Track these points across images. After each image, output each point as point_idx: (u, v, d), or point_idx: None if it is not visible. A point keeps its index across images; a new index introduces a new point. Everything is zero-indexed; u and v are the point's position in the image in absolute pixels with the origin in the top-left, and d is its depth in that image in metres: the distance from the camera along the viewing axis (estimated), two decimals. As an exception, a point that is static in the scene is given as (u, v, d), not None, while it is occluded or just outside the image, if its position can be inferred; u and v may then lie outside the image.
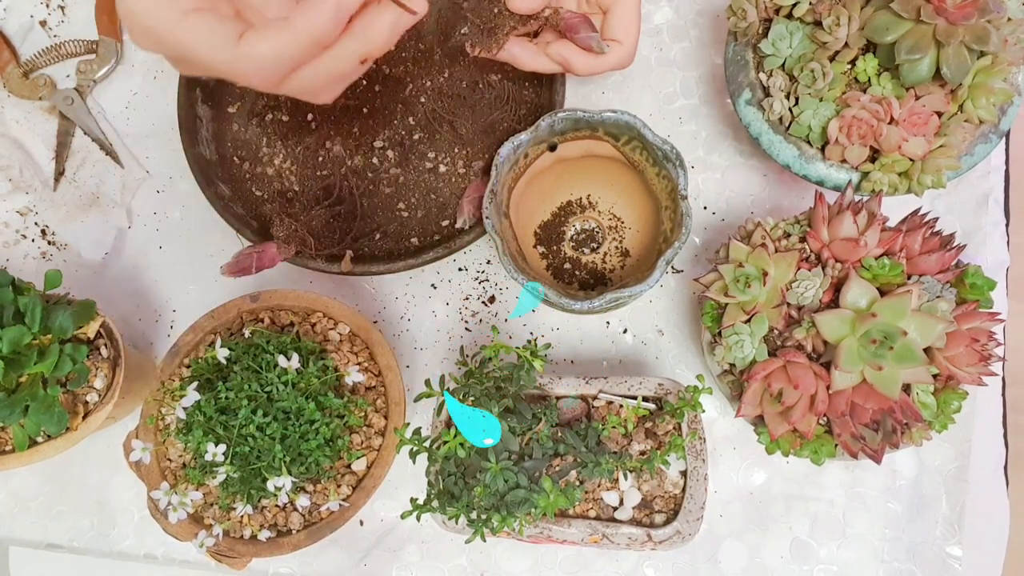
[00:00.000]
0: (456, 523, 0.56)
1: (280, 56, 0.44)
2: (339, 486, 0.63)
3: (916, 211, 0.59)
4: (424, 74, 0.72)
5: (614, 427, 0.59)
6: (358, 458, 0.63)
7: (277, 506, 0.63)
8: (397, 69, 0.72)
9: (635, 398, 0.61)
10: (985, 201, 0.71)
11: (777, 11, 0.62)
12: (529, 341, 0.70)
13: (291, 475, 0.58)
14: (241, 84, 0.46)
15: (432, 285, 0.74)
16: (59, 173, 0.77)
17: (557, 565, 0.69)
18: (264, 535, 0.61)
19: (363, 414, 0.64)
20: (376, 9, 0.46)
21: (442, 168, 0.71)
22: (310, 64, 0.46)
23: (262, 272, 0.68)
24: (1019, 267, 0.72)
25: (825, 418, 0.57)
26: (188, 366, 0.64)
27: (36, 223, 0.77)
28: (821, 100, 0.61)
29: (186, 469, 0.62)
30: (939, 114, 0.59)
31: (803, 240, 0.58)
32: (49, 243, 0.77)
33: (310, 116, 0.72)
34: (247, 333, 0.63)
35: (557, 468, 0.59)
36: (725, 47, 0.66)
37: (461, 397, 0.58)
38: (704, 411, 0.59)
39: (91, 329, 0.62)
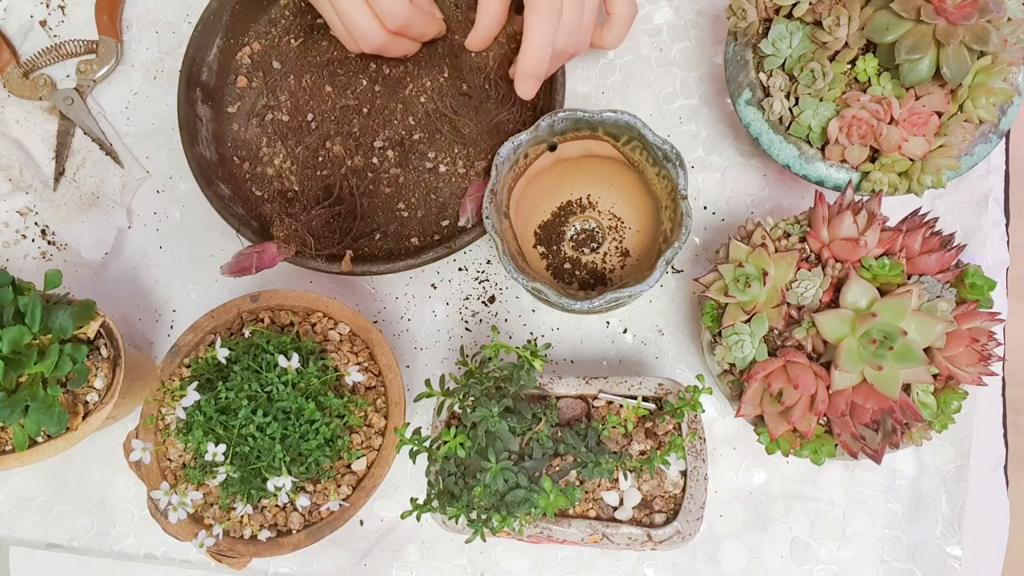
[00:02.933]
0: (456, 523, 0.56)
1: None
2: (339, 486, 0.63)
3: (916, 211, 0.59)
4: (424, 74, 0.72)
5: (614, 427, 0.59)
6: (358, 458, 0.63)
7: (277, 506, 0.63)
8: (397, 69, 0.72)
9: (635, 398, 0.61)
10: (985, 201, 0.71)
11: (777, 11, 0.62)
12: (529, 341, 0.70)
13: (291, 475, 0.58)
14: None
15: (432, 285, 0.74)
16: (59, 173, 0.77)
17: (557, 565, 0.69)
18: (264, 535, 0.61)
19: (363, 414, 0.64)
20: None
21: (442, 168, 0.71)
22: None
23: (262, 272, 0.67)
24: (1019, 267, 0.72)
25: (825, 418, 0.57)
26: (188, 366, 0.64)
27: (36, 223, 0.77)
28: (821, 100, 0.61)
29: (186, 469, 0.62)
30: (939, 114, 0.59)
31: (803, 240, 0.58)
32: (49, 243, 0.77)
33: (310, 116, 0.72)
34: (247, 333, 0.63)
35: (557, 468, 0.59)
36: (725, 47, 0.66)
37: (461, 397, 0.58)
38: (704, 411, 0.59)
39: (91, 329, 0.62)
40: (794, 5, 0.61)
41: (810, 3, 0.60)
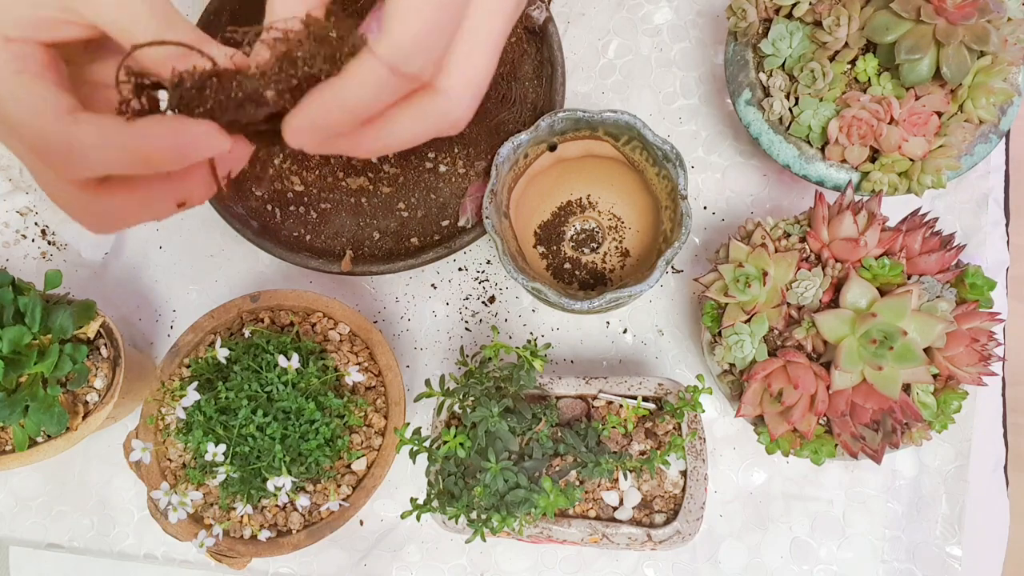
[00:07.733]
0: (456, 523, 0.56)
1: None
2: (339, 486, 0.63)
3: (916, 211, 0.59)
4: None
5: (614, 427, 0.59)
6: (358, 458, 0.63)
7: (277, 506, 0.63)
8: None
9: (635, 398, 0.61)
10: (985, 201, 0.71)
11: (777, 11, 0.62)
12: (529, 341, 0.70)
13: (291, 475, 0.58)
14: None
15: (432, 285, 0.74)
16: (59, 173, 0.77)
17: (557, 565, 0.69)
18: (264, 535, 0.61)
19: (363, 414, 0.64)
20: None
21: (442, 168, 0.71)
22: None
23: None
24: (1019, 267, 0.72)
25: (825, 418, 0.57)
26: (188, 366, 0.64)
27: (36, 223, 0.77)
28: (821, 100, 0.61)
29: (186, 469, 0.62)
30: (939, 114, 0.59)
31: (803, 240, 0.58)
32: (49, 243, 0.77)
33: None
34: (247, 333, 0.63)
35: (557, 468, 0.59)
36: (725, 47, 0.66)
37: (461, 397, 0.58)
38: (704, 411, 0.59)
39: (91, 329, 0.62)
40: (794, 5, 0.61)
41: (810, 3, 0.60)
